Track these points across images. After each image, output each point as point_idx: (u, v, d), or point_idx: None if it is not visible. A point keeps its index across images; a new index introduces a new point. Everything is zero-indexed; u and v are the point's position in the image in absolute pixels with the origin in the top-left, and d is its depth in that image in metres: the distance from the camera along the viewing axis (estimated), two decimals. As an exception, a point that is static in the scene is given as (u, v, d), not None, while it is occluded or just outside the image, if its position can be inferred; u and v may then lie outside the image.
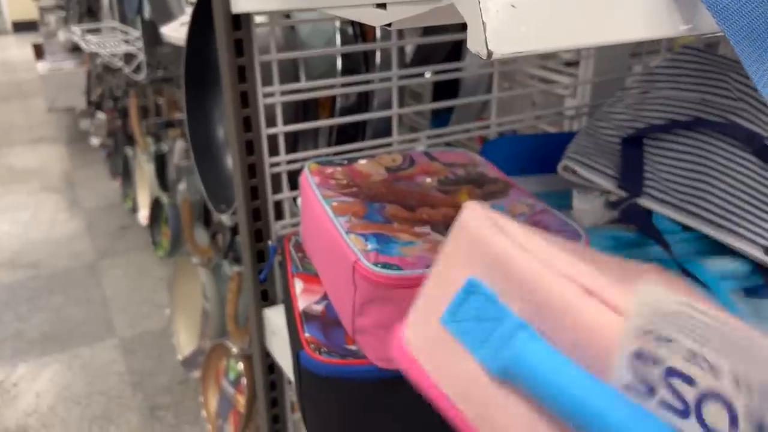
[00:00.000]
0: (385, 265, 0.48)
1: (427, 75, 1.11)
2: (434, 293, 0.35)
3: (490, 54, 0.29)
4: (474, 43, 0.29)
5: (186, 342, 1.69)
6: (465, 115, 0.90)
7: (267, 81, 0.68)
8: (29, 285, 2.24)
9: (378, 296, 0.49)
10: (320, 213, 0.57)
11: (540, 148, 0.78)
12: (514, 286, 0.30)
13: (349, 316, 0.52)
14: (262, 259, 0.72)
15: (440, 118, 1.01)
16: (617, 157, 0.71)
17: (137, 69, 1.66)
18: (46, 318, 2.05)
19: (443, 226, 0.56)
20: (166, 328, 1.98)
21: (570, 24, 0.29)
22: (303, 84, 0.69)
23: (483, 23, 0.28)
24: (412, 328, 0.35)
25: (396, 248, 0.51)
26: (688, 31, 0.33)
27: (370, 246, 0.51)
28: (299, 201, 0.65)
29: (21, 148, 3.52)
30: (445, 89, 0.97)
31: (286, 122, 0.71)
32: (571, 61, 0.90)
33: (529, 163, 0.78)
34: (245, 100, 0.64)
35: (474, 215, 0.33)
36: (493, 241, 0.31)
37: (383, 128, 0.81)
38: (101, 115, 2.70)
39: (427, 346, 0.34)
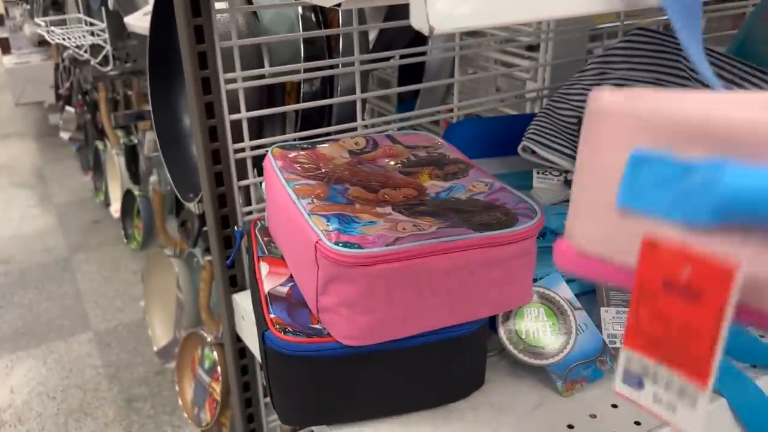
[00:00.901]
0: (346, 244, 0.49)
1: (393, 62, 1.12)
2: (592, 188, 0.33)
3: (431, 30, 0.30)
4: (416, 20, 0.30)
5: (161, 333, 1.69)
6: (430, 101, 0.92)
7: (231, 69, 0.68)
8: (0, 281, 2.22)
9: (340, 275, 0.50)
10: (283, 196, 0.58)
11: (501, 130, 0.80)
12: (689, 137, 0.29)
13: (313, 296, 0.53)
14: (229, 245, 0.73)
15: (406, 105, 1.03)
16: (575, 137, 0.73)
17: (104, 61, 1.65)
18: (18, 314, 2.04)
19: (404, 206, 0.57)
20: (141, 320, 1.98)
21: (509, 0, 0.31)
22: (265, 69, 0.70)
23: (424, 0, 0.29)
24: (579, 232, 0.34)
25: (357, 228, 0.52)
26: (627, 6, 0.35)
27: (331, 226, 0.52)
28: (264, 186, 0.66)
29: (-11, 143, 3.47)
30: (410, 76, 0.98)
31: (251, 110, 0.71)
32: (531, 45, 0.92)
33: (491, 146, 0.80)
34: (207, 86, 0.65)
35: (606, 98, 0.33)
36: (643, 106, 0.31)
37: (348, 115, 0.82)
38: (70, 109, 2.67)
39: (607, 240, 0.33)
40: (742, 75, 0.71)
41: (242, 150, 0.70)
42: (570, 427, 0.54)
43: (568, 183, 0.70)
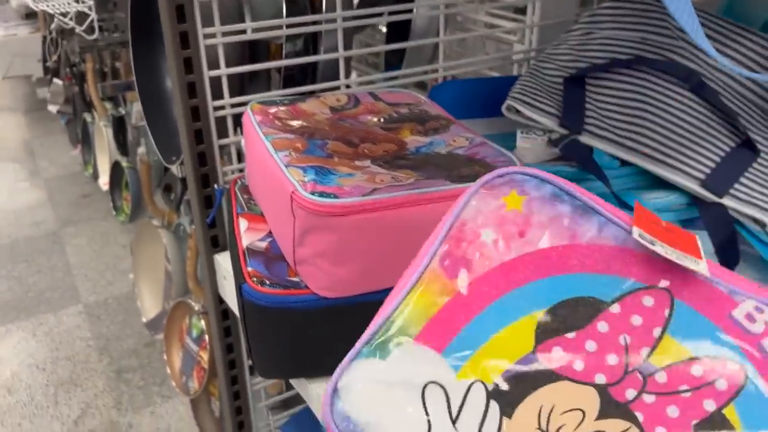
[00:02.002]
0: (321, 194, 0.49)
1: (383, 29, 1.11)
2: None
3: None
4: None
5: (150, 305, 1.69)
6: (416, 62, 0.90)
7: (210, 24, 0.67)
8: (-11, 254, 2.21)
9: (316, 225, 0.50)
10: (261, 149, 0.57)
11: (486, 91, 0.79)
12: None
13: (290, 248, 0.53)
14: (210, 205, 0.72)
15: (393, 68, 1.01)
16: (560, 96, 0.72)
17: (89, 29, 1.62)
18: (8, 286, 2.03)
19: (383, 160, 0.56)
20: (130, 293, 1.97)
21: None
22: (245, 25, 0.68)
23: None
24: None
25: (334, 179, 0.52)
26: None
27: (307, 177, 0.51)
28: (243, 142, 0.65)
29: (-23, 118, 3.43)
30: (396, 37, 0.97)
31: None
32: (519, 6, 0.90)
33: (476, 107, 0.79)
34: (185, 41, 0.64)
35: None
36: None
37: (331, 75, 0.81)
38: (58, 82, 2.64)
39: None
40: (731, 36, 0.71)
41: (222, 108, 0.69)
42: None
43: (552, 142, 0.69)
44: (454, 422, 0.35)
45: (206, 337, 1.25)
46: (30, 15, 3.34)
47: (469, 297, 0.37)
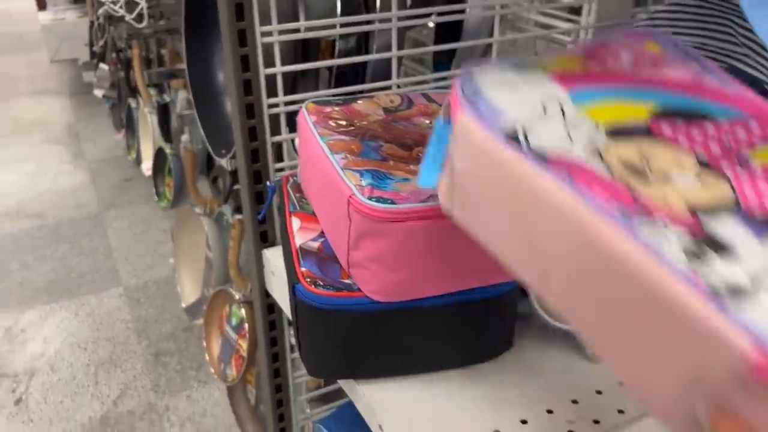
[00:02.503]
0: (379, 199, 0.49)
1: (431, 24, 1.10)
2: None
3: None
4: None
5: (190, 290, 1.72)
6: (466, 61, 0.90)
7: (267, 22, 0.68)
8: (35, 234, 2.27)
9: (372, 230, 0.50)
10: (317, 150, 0.58)
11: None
12: None
13: (344, 251, 0.53)
14: (260, 201, 0.73)
15: (442, 67, 1.01)
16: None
17: (138, 17, 1.65)
18: (52, 267, 2.08)
19: (438, 164, 0.56)
20: (170, 277, 2.01)
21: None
22: (301, 23, 0.69)
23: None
24: None
25: (391, 184, 0.52)
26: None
27: (364, 181, 0.52)
28: (297, 141, 0.66)
29: (25, 100, 3.52)
30: (447, 37, 0.96)
31: (286, 66, 0.71)
32: (574, 7, 0.89)
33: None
34: (243, 38, 0.64)
35: None
36: None
37: (383, 74, 0.81)
38: (104, 67, 2.68)
39: None
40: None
41: (276, 105, 0.70)
42: (598, 392, 0.54)
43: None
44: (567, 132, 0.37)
45: (245, 325, 1.27)
46: (78, 0, 3.40)
47: (598, 74, 0.41)
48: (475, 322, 0.56)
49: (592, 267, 0.31)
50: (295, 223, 0.63)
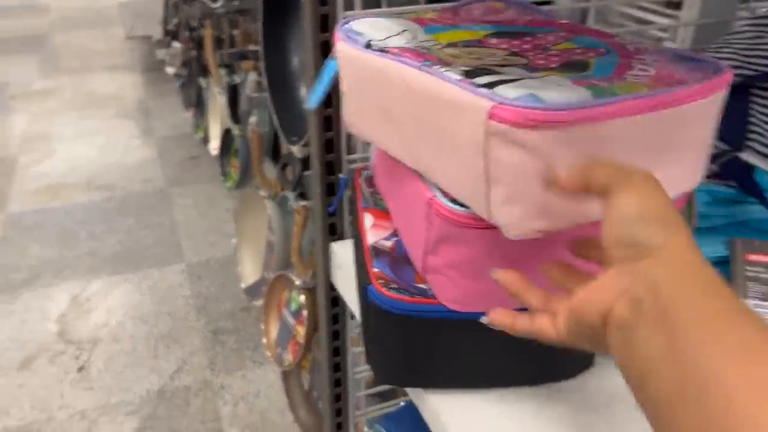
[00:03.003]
0: (463, 204, 0.46)
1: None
2: None
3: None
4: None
5: (250, 271, 1.73)
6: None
7: (349, 7, 0.65)
8: (104, 206, 2.33)
9: (453, 235, 0.47)
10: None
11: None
12: None
13: (421, 255, 0.50)
14: (331, 193, 0.71)
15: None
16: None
17: (214, -3, 1.65)
18: (118, 239, 2.14)
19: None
20: (231, 256, 2.03)
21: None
22: (385, 9, 0.66)
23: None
24: None
25: None
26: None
27: None
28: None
29: (100, 74, 3.62)
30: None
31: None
32: (672, 1, 0.83)
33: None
34: (325, 24, 0.62)
35: None
36: None
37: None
38: (177, 45, 2.72)
39: None
40: None
41: (354, 94, 0.67)
42: (688, 424, 0.50)
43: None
44: None
45: (304, 312, 1.26)
46: (154, -23, 3.46)
47: (450, 18, 0.57)
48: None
49: (416, 104, 0.44)
50: (368, 219, 0.60)
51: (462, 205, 0.46)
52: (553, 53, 0.48)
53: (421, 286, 0.52)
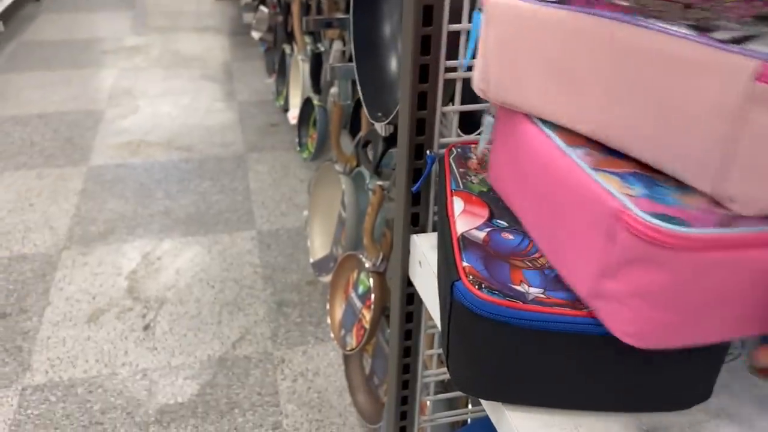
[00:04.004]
0: (665, 218, 0.37)
1: None
2: None
3: None
4: None
5: (319, 246, 1.69)
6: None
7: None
8: (181, 167, 2.34)
9: (647, 256, 0.37)
10: (537, 140, 0.46)
11: None
12: None
13: (590, 276, 0.41)
14: (418, 179, 0.64)
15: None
16: None
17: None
18: (192, 200, 2.14)
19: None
20: (301, 228, 2.00)
21: None
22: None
23: None
24: None
25: (669, 195, 0.39)
26: None
27: (635, 191, 0.39)
28: (487, 118, 0.55)
29: (187, 35, 3.65)
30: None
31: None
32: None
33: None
34: (429, -14, 0.54)
35: None
36: None
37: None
38: (264, 9, 2.70)
39: None
40: None
41: (454, 69, 0.59)
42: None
43: None
44: None
45: (372, 296, 1.20)
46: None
47: None
48: (674, 363, 0.43)
49: (625, 66, 0.39)
50: (457, 204, 0.53)
51: (666, 220, 0.36)
52: (729, 5, 0.42)
53: (518, 288, 0.44)
